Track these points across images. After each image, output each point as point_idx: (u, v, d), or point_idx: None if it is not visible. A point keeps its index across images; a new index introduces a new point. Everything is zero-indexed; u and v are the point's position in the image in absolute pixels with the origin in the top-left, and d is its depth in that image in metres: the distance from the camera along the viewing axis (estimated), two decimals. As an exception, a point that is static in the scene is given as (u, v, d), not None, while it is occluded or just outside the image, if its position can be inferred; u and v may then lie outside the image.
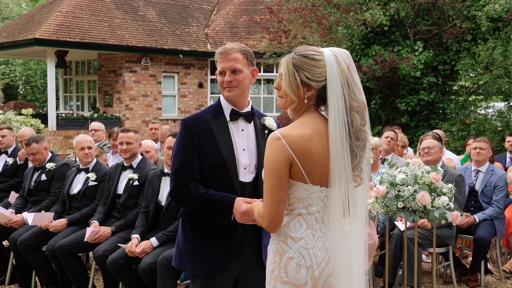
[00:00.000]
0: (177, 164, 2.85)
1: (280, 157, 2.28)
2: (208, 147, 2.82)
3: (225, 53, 2.86)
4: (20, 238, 5.05)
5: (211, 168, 2.82)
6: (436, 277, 5.46)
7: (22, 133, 6.85)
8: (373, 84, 12.48)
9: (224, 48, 2.88)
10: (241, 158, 2.86)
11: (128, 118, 18.13)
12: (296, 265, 2.31)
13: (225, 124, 2.89)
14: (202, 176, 2.83)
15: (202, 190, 2.80)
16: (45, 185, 5.56)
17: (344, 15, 12.70)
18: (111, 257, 4.51)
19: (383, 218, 5.40)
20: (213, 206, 2.77)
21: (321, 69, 2.31)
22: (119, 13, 18.92)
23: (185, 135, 2.85)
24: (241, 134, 2.91)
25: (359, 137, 2.32)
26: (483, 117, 12.45)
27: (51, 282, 5.15)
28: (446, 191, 4.36)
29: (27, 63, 26.87)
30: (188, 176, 2.81)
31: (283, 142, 2.28)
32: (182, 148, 2.85)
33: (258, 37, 18.22)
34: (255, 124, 2.96)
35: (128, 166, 5.07)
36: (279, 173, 2.29)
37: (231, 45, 2.89)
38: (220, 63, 2.87)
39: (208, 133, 2.84)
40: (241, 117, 2.91)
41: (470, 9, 12.07)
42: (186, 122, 2.87)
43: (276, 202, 2.31)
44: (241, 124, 2.92)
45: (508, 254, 6.40)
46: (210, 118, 2.88)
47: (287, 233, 2.35)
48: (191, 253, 2.90)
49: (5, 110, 14.72)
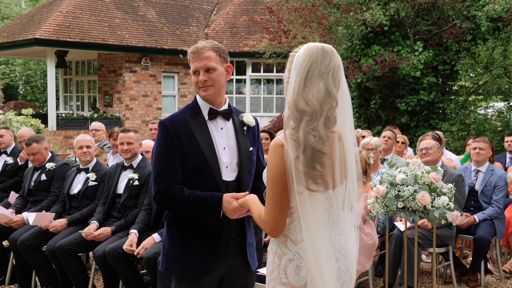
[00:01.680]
0: (158, 167, 2.78)
1: (284, 165, 2.23)
2: (190, 148, 2.76)
3: (197, 52, 2.79)
4: (20, 238, 5.05)
5: (194, 169, 2.77)
6: (436, 277, 5.46)
7: (22, 133, 6.85)
8: (373, 84, 12.48)
9: (195, 47, 2.82)
10: (222, 157, 2.81)
11: (128, 118, 18.14)
12: (296, 267, 2.31)
13: (204, 123, 2.83)
14: (185, 178, 2.78)
15: (187, 192, 2.74)
16: (45, 185, 5.56)
17: (344, 15, 12.71)
18: (109, 246, 4.58)
19: (383, 218, 5.40)
20: (201, 206, 2.73)
21: (289, 65, 2.33)
22: (119, 13, 18.92)
23: (164, 137, 2.78)
24: (220, 133, 2.86)
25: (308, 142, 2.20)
26: (483, 117, 12.45)
27: (51, 282, 5.15)
28: (446, 191, 4.36)
29: (27, 63, 26.88)
30: (171, 179, 2.75)
31: (287, 148, 2.23)
32: (163, 151, 2.78)
33: (258, 37, 18.23)
34: (233, 121, 2.91)
35: (128, 166, 5.07)
36: (283, 181, 2.25)
37: (202, 43, 2.82)
38: (193, 62, 2.81)
39: (188, 134, 2.78)
40: (219, 116, 2.86)
41: (470, 9, 12.07)
42: (164, 124, 2.79)
43: (280, 210, 2.28)
44: (219, 123, 2.87)
45: (508, 254, 6.40)
46: (188, 118, 2.81)
47: (287, 235, 2.34)
48: (179, 258, 2.83)
49: (5, 110, 14.73)
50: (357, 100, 13.35)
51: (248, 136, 2.93)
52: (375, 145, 5.96)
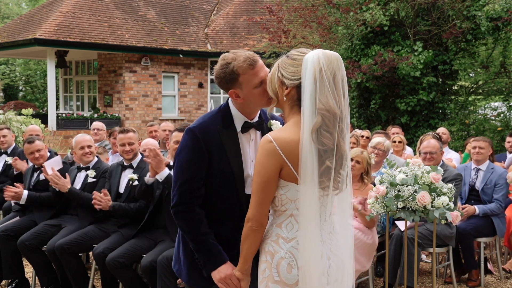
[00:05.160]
0: (183, 178, 2.62)
1: (269, 161, 2.33)
2: (219, 163, 2.62)
3: (256, 61, 2.56)
4: (20, 238, 5.05)
5: (219, 185, 2.65)
6: (436, 277, 5.46)
7: (32, 129, 6.89)
8: (373, 84, 12.48)
9: (253, 58, 2.57)
10: (249, 170, 2.68)
11: (128, 118, 18.14)
12: (288, 265, 2.36)
13: (235, 136, 2.66)
14: (207, 189, 2.65)
15: (205, 229, 2.63)
16: (44, 185, 5.54)
17: (344, 15, 12.71)
18: (110, 255, 4.51)
19: (383, 218, 5.40)
20: (203, 252, 2.63)
21: (296, 68, 2.37)
22: (119, 13, 18.92)
23: (194, 147, 2.61)
24: (251, 145, 2.72)
25: (322, 142, 2.30)
26: (482, 117, 12.45)
27: (51, 282, 5.15)
28: (446, 191, 4.36)
29: (27, 63, 26.87)
30: (194, 194, 2.63)
31: (274, 145, 2.32)
32: (190, 162, 2.61)
33: (258, 37, 18.23)
34: (262, 130, 2.75)
35: (128, 165, 5.07)
36: (265, 177, 2.34)
37: (250, 52, 2.62)
38: (255, 73, 2.55)
39: (219, 148, 2.61)
40: (252, 128, 2.70)
41: (469, 9, 12.07)
42: (195, 133, 2.61)
43: (258, 204, 2.38)
44: (251, 135, 2.72)
45: (508, 254, 6.40)
46: (219, 129, 2.63)
47: (278, 234, 2.40)
48: (189, 266, 2.77)
49: (5, 110, 14.73)
50: (357, 100, 13.35)
51: None
52: (387, 149, 6.01)
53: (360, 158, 5.06)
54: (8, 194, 5.28)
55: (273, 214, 2.47)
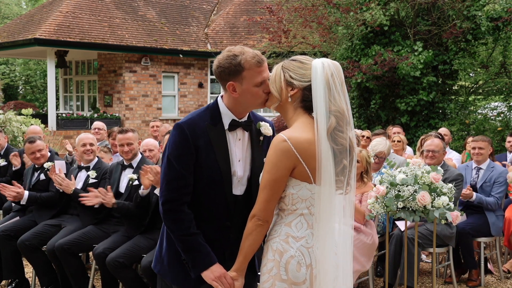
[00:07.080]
0: (171, 175, 2.58)
1: (282, 159, 2.37)
2: (206, 160, 2.58)
3: (262, 60, 2.56)
4: (20, 238, 5.06)
5: (206, 181, 2.60)
6: (436, 277, 5.46)
7: (33, 130, 6.93)
8: (373, 84, 12.48)
9: (259, 56, 2.56)
10: (236, 170, 2.64)
11: (128, 118, 18.14)
12: (297, 264, 2.39)
13: (223, 133, 2.63)
14: (194, 188, 2.60)
15: (193, 229, 2.57)
16: (44, 185, 5.54)
17: (344, 15, 12.70)
18: (110, 255, 4.51)
19: (383, 218, 5.40)
20: (192, 252, 2.57)
21: (305, 71, 2.45)
22: (119, 13, 18.92)
23: (181, 143, 2.57)
24: (237, 144, 2.67)
25: (337, 141, 2.39)
26: (482, 117, 12.45)
27: (51, 282, 5.16)
28: (446, 191, 4.36)
29: (27, 63, 26.86)
30: (182, 190, 2.57)
31: (288, 144, 2.36)
32: (178, 158, 2.57)
33: (258, 37, 18.21)
34: (251, 131, 2.71)
35: (128, 165, 5.07)
36: (276, 175, 2.38)
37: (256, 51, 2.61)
38: (259, 73, 2.54)
39: (207, 144, 2.58)
40: (239, 127, 2.67)
41: (470, 9, 12.07)
42: (183, 129, 2.57)
43: (266, 201, 2.42)
44: (238, 134, 2.68)
45: (508, 254, 6.40)
46: (208, 126, 2.60)
47: (288, 232, 2.43)
48: (174, 264, 2.68)
49: (5, 110, 14.72)
50: (357, 100, 13.35)
51: (262, 146, 2.74)
52: (388, 153, 6.01)
53: (360, 157, 5.06)
54: (9, 194, 5.28)
55: (280, 213, 2.50)
